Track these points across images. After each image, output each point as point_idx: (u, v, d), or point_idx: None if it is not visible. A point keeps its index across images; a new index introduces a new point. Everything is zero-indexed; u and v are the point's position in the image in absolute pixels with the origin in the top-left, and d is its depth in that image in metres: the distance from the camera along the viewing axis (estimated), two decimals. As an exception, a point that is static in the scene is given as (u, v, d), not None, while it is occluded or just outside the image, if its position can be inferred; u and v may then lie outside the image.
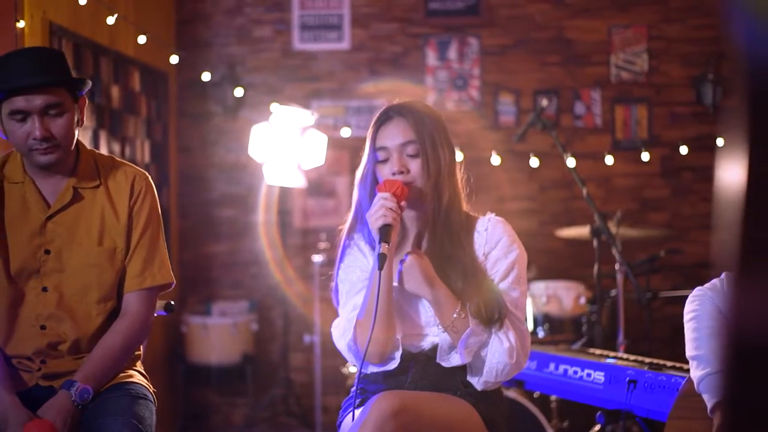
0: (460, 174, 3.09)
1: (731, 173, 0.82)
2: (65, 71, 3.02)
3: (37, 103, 2.92)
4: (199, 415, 7.27)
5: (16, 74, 2.93)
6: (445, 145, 3.00)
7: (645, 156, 6.97)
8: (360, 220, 3.09)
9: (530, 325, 5.93)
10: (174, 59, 6.36)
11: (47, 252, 3.06)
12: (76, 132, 3.08)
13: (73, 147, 3.06)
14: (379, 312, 2.78)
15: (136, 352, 3.29)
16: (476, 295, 2.87)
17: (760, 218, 0.79)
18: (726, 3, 0.81)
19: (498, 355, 2.86)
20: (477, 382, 2.92)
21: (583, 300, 6.02)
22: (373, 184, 3.01)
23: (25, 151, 2.97)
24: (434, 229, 3.00)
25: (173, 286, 3.28)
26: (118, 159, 3.28)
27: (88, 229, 3.10)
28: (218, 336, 6.79)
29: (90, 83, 3.15)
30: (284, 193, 7.01)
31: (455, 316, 2.85)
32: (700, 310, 2.97)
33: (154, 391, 3.20)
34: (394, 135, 2.97)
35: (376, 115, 3.05)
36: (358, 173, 3.08)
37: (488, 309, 2.87)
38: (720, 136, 6.91)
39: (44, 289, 3.05)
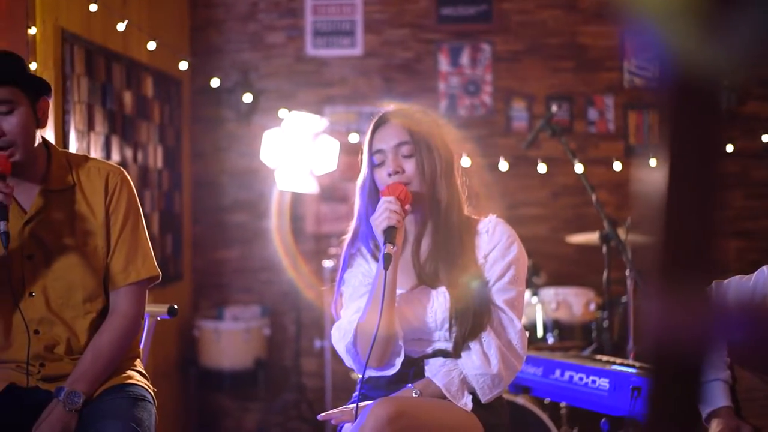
0: (459, 177, 3.11)
1: (651, 179, 0.83)
2: (15, 71, 3.02)
3: None
4: (212, 419, 7.29)
5: None
6: (441, 146, 3.02)
7: (652, 162, 6.94)
8: (361, 227, 3.11)
9: (539, 331, 5.93)
10: (183, 65, 6.38)
11: (29, 258, 3.07)
12: (37, 133, 3.06)
13: (33, 147, 3.04)
14: (382, 315, 2.79)
15: (134, 351, 3.30)
16: (470, 300, 2.89)
17: (679, 230, 0.80)
18: (623, 18, 0.83)
19: (474, 369, 2.88)
20: (480, 397, 2.93)
21: (593, 306, 6.01)
22: (372, 190, 3.04)
23: None
24: (433, 230, 3.02)
25: (159, 279, 3.28)
26: (92, 157, 3.28)
27: (66, 230, 3.10)
28: (230, 341, 6.80)
29: (50, 86, 3.13)
30: (297, 198, 7.02)
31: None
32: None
33: (153, 391, 3.21)
34: (389, 137, 3.01)
35: (372, 121, 3.08)
36: (358, 181, 3.11)
37: (477, 317, 2.89)
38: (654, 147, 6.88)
39: (31, 294, 3.06)
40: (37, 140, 3.08)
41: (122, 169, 3.25)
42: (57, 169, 3.14)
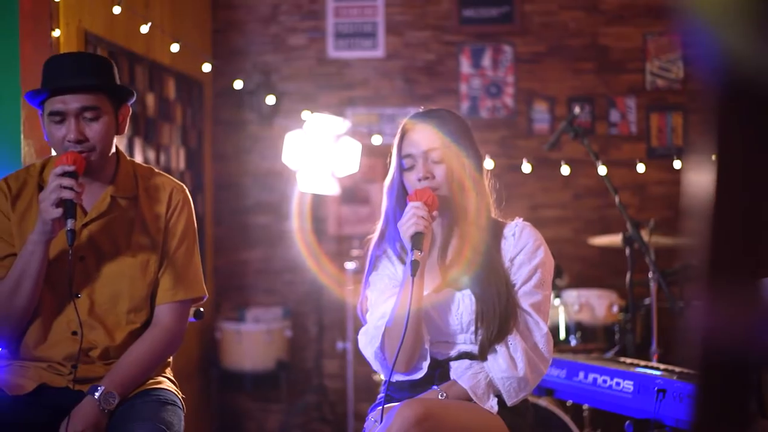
0: (488, 181, 3.10)
1: (699, 183, 0.82)
2: (107, 78, 3.05)
3: (73, 106, 2.95)
4: (233, 421, 7.30)
5: (57, 76, 2.97)
6: (471, 151, 3.02)
7: (679, 164, 6.91)
8: (388, 228, 3.11)
9: (562, 334, 5.91)
10: (207, 68, 6.40)
11: (82, 259, 3.08)
12: (114, 140, 3.10)
13: (110, 154, 3.08)
14: (409, 321, 2.79)
15: (167, 360, 3.32)
16: (496, 304, 2.89)
17: (727, 231, 0.80)
18: (678, 19, 0.82)
19: (501, 372, 2.88)
20: (506, 399, 2.93)
21: (616, 308, 5.99)
22: (400, 193, 3.03)
23: (61, 153, 2.97)
24: (460, 233, 3.02)
25: (205, 299, 3.30)
26: (157, 170, 3.30)
27: (122, 239, 3.11)
28: (252, 342, 6.81)
29: (134, 94, 3.17)
30: (318, 200, 7.03)
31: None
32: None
33: (183, 397, 3.22)
34: (419, 142, 3.00)
35: (402, 123, 3.08)
36: (386, 182, 3.11)
37: (502, 320, 2.88)
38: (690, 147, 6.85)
39: (76, 296, 3.06)
40: (114, 145, 3.11)
41: (185, 187, 3.27)
42: (123, 177, 3.16)
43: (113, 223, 3.12)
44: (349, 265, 6.56)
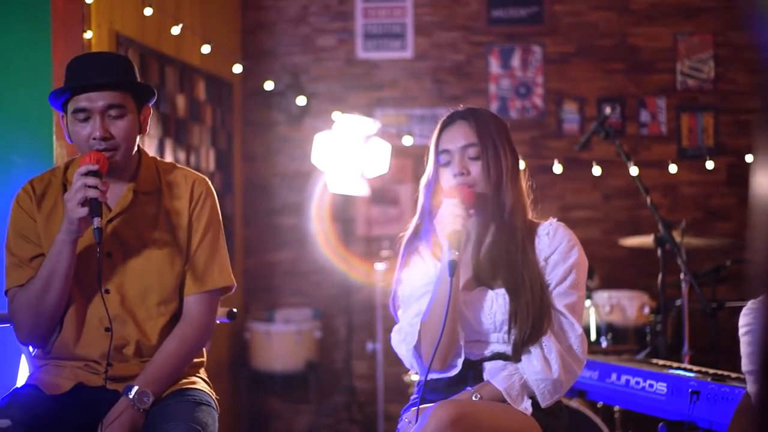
0: (525, 181, 3.10)
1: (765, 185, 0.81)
2: (130, 76, 3.07)
3: (99, 103, 2.96)
4: (263, 421, 7.32)
5: (81, 74, 2.99)
6: (508, 150, 3.02)
7: (710, 164, 6.87)
8: (423, 225, 3.11)
9: (593, 335, 5.89)
10: (238, 68, 6.41)
11: (109, 255, 3.10)
12: (138, 138, 3.12)
13: (133, 152, 3.10)
14: (446, 320, 2.79)
15: (199, 359, 3.32)
16: (530, 303, 2.88)
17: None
18: (748, 13, 0.81)
19: (535, 374, 2.87)
20: (540, 401, 2.92)
21: (647, 310, 5.96)
22: (436, 189, 3.03)
23: (86, 152, 2.99)
24: (495, 232, 3.01)
25: (234, 290, 3.30)
26: (179, 165, 3.32)
27: (147, 233, 3.13)
28: (282, 343, 6.82)
29: (155, 94, 3.19)
30: (347, 201, 7.03)
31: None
32: (754, 324, 2.94)
33: (216, 398, 3.22)
34: (456, 138, 3.00)
35: (440, 120, 3.08)
36: (423, 179, 3.11)
37: (536, 320, 2.87)
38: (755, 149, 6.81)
39: (106, 291, 3.08)
40: (137, 143, 3.13)
41: (207, 179, 3.28)
42: (145, 172, 3.17)
43: (137, 217, 3.13)
44: (379, 266, 6.55)
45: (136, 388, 2.96)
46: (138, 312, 3.11)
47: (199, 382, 3.21)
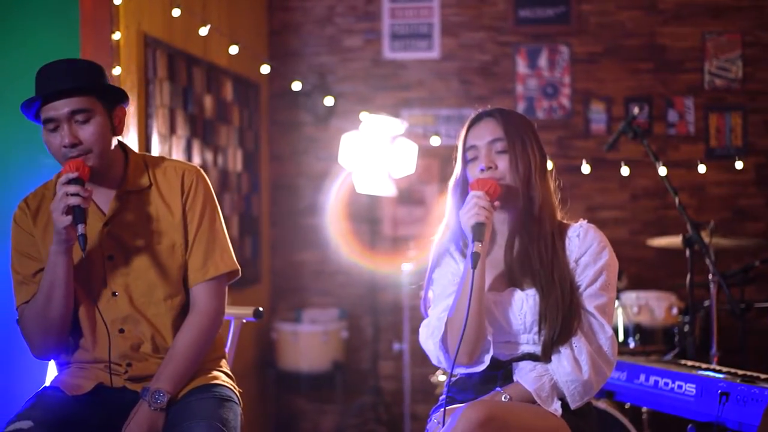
0: (552, 181, 3.10)
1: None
2: (93, 79, 3.06)
3: (64, 111, 2.96)
4: (289, 421, 7.33)
5: (44, 83, 2.99)
6: (536, 147, 3.02)
7: (739, 164, 6.83)
8: (453, 226, 3.10)
9: (621, 336, 5.87)
10: (265, 69, 6.42)
11: (110, 258, 3.12)
12: (113, 140, 3.11)
13: (108, 154, 3.08)
14: (471, 311, 2.79)
15: (220, 351, 3.33)
16: (560, 304, 2.87)
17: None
18: None
19: (565, 375, 2.86)
20: (570, 403, 2.91)
21: (675, 310, 5.94)
22: (464, 188, 3.03)
23: (62, 162, 3.00)
24: (525, 231, 3.01)
25: (239, 274, 3.30)
26: (168, 158, 3.34)
27: (144, 230, 3.15)
28: (308, 343, 6.83)
29: (128, 96, 3.17)
30: (374, 201, 7.03)
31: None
32: None
33: (239, 392, 3.23)
34: (483, 133, 3.02)
35: (468, 119, 3.09)
36: (452, 179, 3.11)
37: (566, 321, 2.87)
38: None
39: (114, 294, 3.11)
40: (113, 145, 3.12)
41: (198, 167, 3.29)
42: (134, 171, 3.19)
43: (132, 217, 3.15)
44: (406, 266, 6.55)
45: (149, 389, 2.99)
46: (147, 310, 3.13)
47: (221, 377, 3.22)
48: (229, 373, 3.32)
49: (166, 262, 3.15)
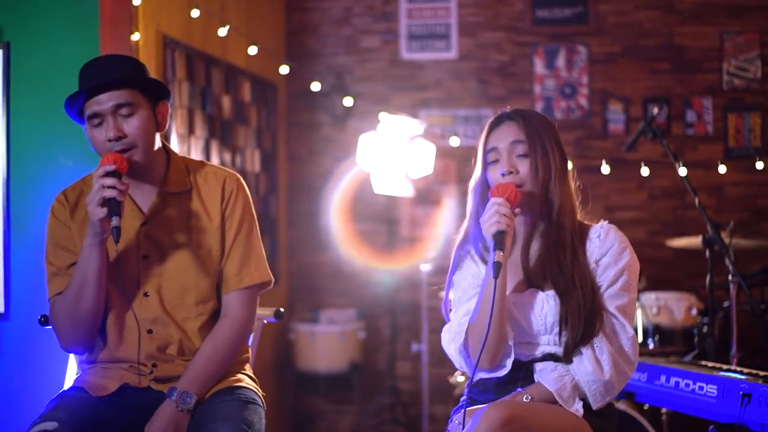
0: (573, 182, 3.08)
1: None
2: (137, 73, 3.07)
3: (108, 104, 2.96)
4: (307, 421, 7.34)
5: (89, 78, 3.00)
6: (556, 149, 3.00)
7: (759, 165, 6.80)
8: (473, 228, 3.09)
9: (640, 337, 5.85)
10: (284, 70, 6.42)
11: (145, 258, 3.12)
12: (157, 136, 3.12)
13: (153, 150, 3.09)
14: (492, 319, 2.78)
15: (245, 355, 3.33)
16: (581, 305, 2.86)
17: None
18: None
19: (587, 375, 2.85)
20: (591, 403, 2.90)
21: (694, 311, 5.91)
22: (484, 190, 3.01)
23: None
24: (544, 233, 3.00)
25: (272, 285, 3.30)
26: (209, 163, 3.33)
27: (181, 233, 3.14)
28: (326, 344, 6.84)
29: (170, 91, 3.18)
30: (392, 202, 7.03)
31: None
32: None
33: (263, 395, 3.23)
34: (504, 136, 2.99)
35: (488, 121, 3.07)
36: (471, 181, 3.10)
37: (587, 321, 2.86)
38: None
39: (146, 294, 3.10)
40: (157, 144, 3.13)
41: (238, 175, 3.28)
42: (175, 173, 3.18)
43: (170, 219, 3.15)
44: (424, 267, 6.54)
45: (177, 389, 2.99)
46: (177, 313, 3.13)
47: (245, 380, 3.22)
48: (253, 376, 3.32)
49: (201, 266, 3.14)
